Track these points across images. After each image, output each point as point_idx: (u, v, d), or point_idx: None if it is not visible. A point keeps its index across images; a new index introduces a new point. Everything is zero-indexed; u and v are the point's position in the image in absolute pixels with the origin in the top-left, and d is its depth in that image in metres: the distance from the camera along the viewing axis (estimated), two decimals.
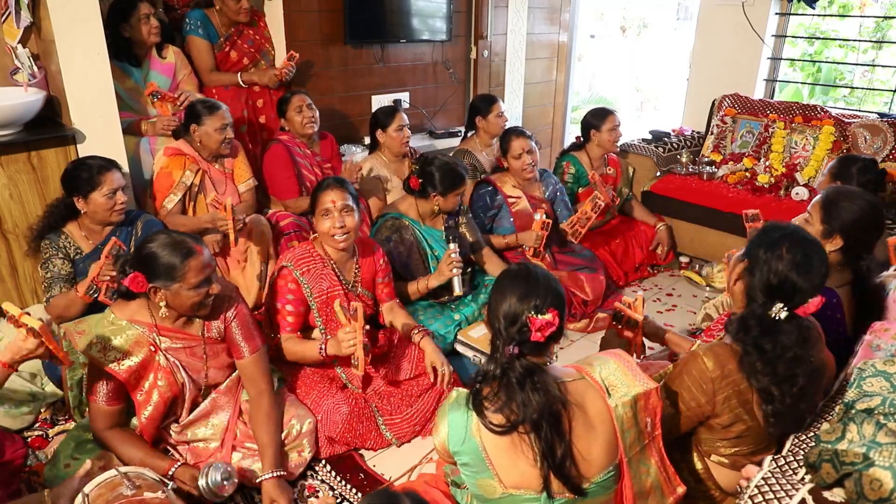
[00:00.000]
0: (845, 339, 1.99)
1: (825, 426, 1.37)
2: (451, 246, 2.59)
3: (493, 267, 3.01)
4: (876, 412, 1.29)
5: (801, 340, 1.52)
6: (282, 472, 1.94)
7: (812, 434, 1.49)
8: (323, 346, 2.14)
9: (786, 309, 1.50)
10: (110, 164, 2.35)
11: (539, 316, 1.35)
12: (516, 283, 1.40)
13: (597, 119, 3.56)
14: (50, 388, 2.38)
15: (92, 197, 2.29)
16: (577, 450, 1.36)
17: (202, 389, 2.00)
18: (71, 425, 2.20)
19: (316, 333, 2.32)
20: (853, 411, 1.34)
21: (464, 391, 1.44)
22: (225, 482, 1.78)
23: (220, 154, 2.83)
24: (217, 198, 2.63)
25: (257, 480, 1.93)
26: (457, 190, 2.75)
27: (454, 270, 2.56)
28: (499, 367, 1.37)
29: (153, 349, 1.86)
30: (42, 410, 2.33)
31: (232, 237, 2.60)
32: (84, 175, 2.28)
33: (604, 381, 1.43)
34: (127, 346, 1.83)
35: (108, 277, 2.11)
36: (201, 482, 1.77)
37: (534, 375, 1.35)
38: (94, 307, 2.17)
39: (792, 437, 1.47)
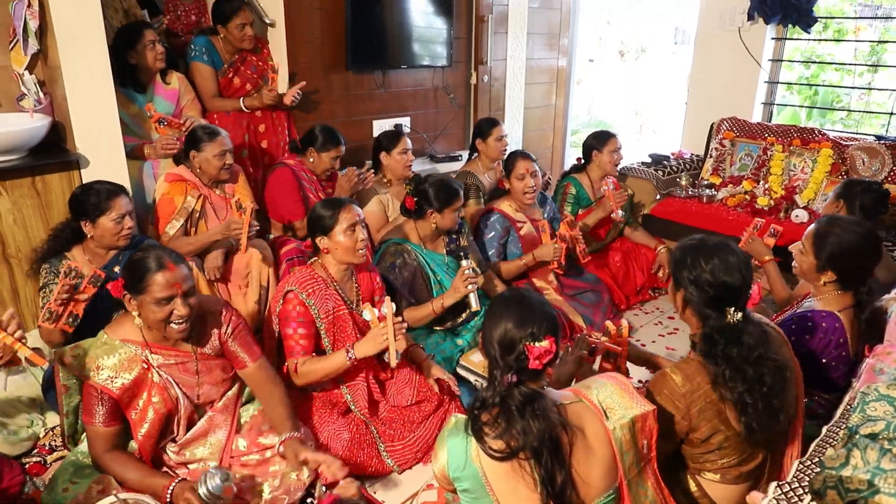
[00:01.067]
0: (850, 362, 1.99)
1: (829, 452, 1.36)
2: (465, 262, 2.59)
3: (497, 289, 3.00)
4: (880, 437, 1.28)
5: (763, 338, 1.57)
6: (300, 434, 1.97)
7: (816, 460, 1.47)
8: (351, 351, 2.15)
9: (738, 310, 1.56)
10: (119, 190, 2.36)
11: (536, 344, 1.35)
12: (511, 310, 1.40)
13: (598, 141, 3.59)
14: (49, 413, 2.37)
15: (100, 221, 2.29)
16: (577, 473, 1.36)
17: (197, 406, 1.99)
18: (71, 451, 2.18)
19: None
20: (857, 436, 1.33)
21: (462, 417, 1.43)
22: (225, 483, 1.73)
23: (220, 180, 2.84)
24: (238, 200, 2.68)
25: (279, 442, 1.94)
26: (453, 205, 2.74)
27: (469, 286, 2.55)
28: (497, 395, 1.36)
29: (146, 366, 1.87)
30: (41, 436, 2.31)
31: (243, 241, 2.64)
32: (93, 200, 2.29)
33: (601, 403, 1.43)
34: (120, 365, 1.84)
35: (63, 300, 2.05)
36: (202, 490, 1.72)
37: (534, 403, 1.34)
38: (83, 333, 2.17)
39: (797, 463, 1.46)
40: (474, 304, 2.61)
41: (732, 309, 1.56)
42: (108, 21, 3.07)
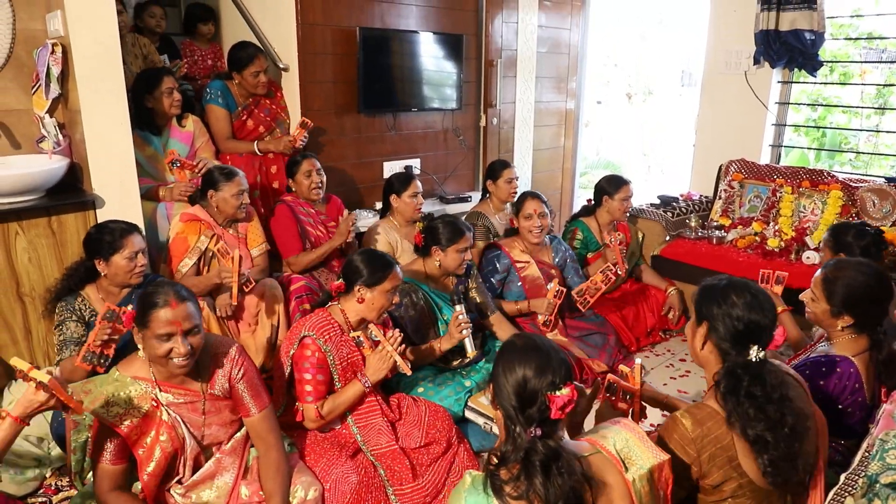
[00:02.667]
0: (866, 407, 1.95)
1: (849, 501, 1.33)
2: (458, 308, 2.58)
3: (504, 332, 2.98)
4: None
5: (784, 381, 1.55)
6: None
7: None
8: (365, 380, 2.19)
9: (761, 349, 1.55)
10: (132, 228, 2.39)
11: (558, 393, 1.31)
12: (527, 358, 1.35)
13: (611, 186, 3.60)
14: (56, 452, 2.36)
15: (113, 259, 2.32)
16: None
17: (204, 448, 1.97)
18: (74, 492, 2.17)
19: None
20: (878, 486, 1.30)
21: (478, 475, 1.37)
22: None
23: (236, 219, 2.89)
24: (223, 247, 2.63)
25: None
26: (457, 244, 2.74)
27: (464, 332, 2.55)
28: (521, 451, 1.30)
29: (155, 404, 1.87)
30: (47, 476, 2.30)
31: (234, 291, 2.58)
32: (107, 238, 2.32)
33: (619, 453, 1.39)
34: (130, 402, 1.84)
35: (102, 342, 2.05)
36: None
37: (559, 459, 1.29)
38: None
39: None
40: (469, 349, 2.60)
41: (756, 347, 1.55)
42: (128, 67, 3.16)
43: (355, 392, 2.22)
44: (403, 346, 2.22)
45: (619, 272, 3.36)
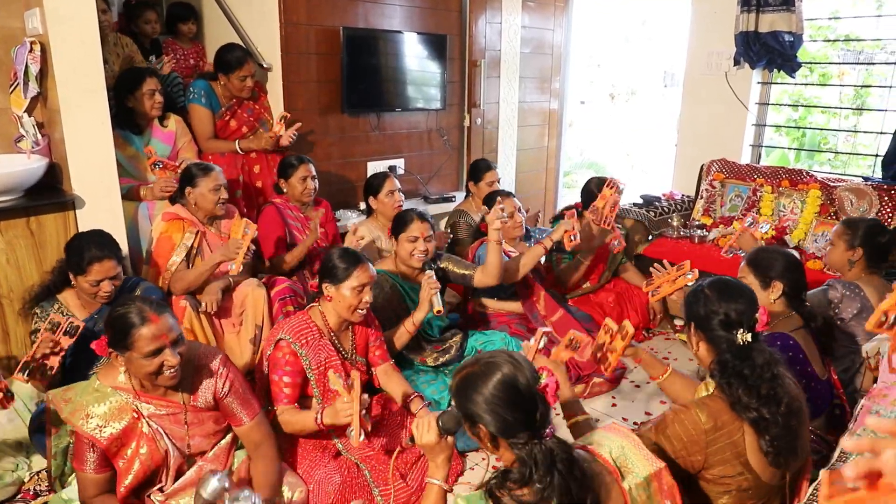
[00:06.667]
0: (819, 381, 2.03)
1: None
2: (428, 272, 2.62)
3: (486, 271, 2.85)
4: None
5: (773, 359, 1.62)
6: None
7: None
8: (319, 416, 2.08)
9: (747, 331, 1.62)
10: (103, 255, 2.26)
11: (542, 381, 1.33)
12: (497, 366, 1.33)
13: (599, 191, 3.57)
14: (35, 457, 2.33)
15: (79, 280, 2.28)
16: None
17: (188, 457, 1.95)
18: (53, 497, 2.14)
19: (314, 403, 2.28)
20: None
21: (471, 495, 1.31)
22: (222, 484, 1.67)
23: (216, 215, 2.84)
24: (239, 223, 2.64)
25: None
26: (405, 232, 2.70)
27: (431, 291, 2.55)
28: (542, 465, 1.24)
29: (136, 416, 1.84)
30: (26, 481, 2.26)
31: (238, 261, 2.59)
32: (74, 259, 2.27)
33: (615, 461, 1.38)
34: (110, 413, 1.81)
35: (44, 354, 2.02)
36: (205, 494, 1.65)
37: (573, 461, 1.27)
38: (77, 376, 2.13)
39: None
40: (436, 304, 2.56)
41: (741, 330, 1.62)
42: (109, 66, 3.13)
43: (308, 423, 2.11)
44: (365, 411, 1.97)
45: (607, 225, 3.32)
